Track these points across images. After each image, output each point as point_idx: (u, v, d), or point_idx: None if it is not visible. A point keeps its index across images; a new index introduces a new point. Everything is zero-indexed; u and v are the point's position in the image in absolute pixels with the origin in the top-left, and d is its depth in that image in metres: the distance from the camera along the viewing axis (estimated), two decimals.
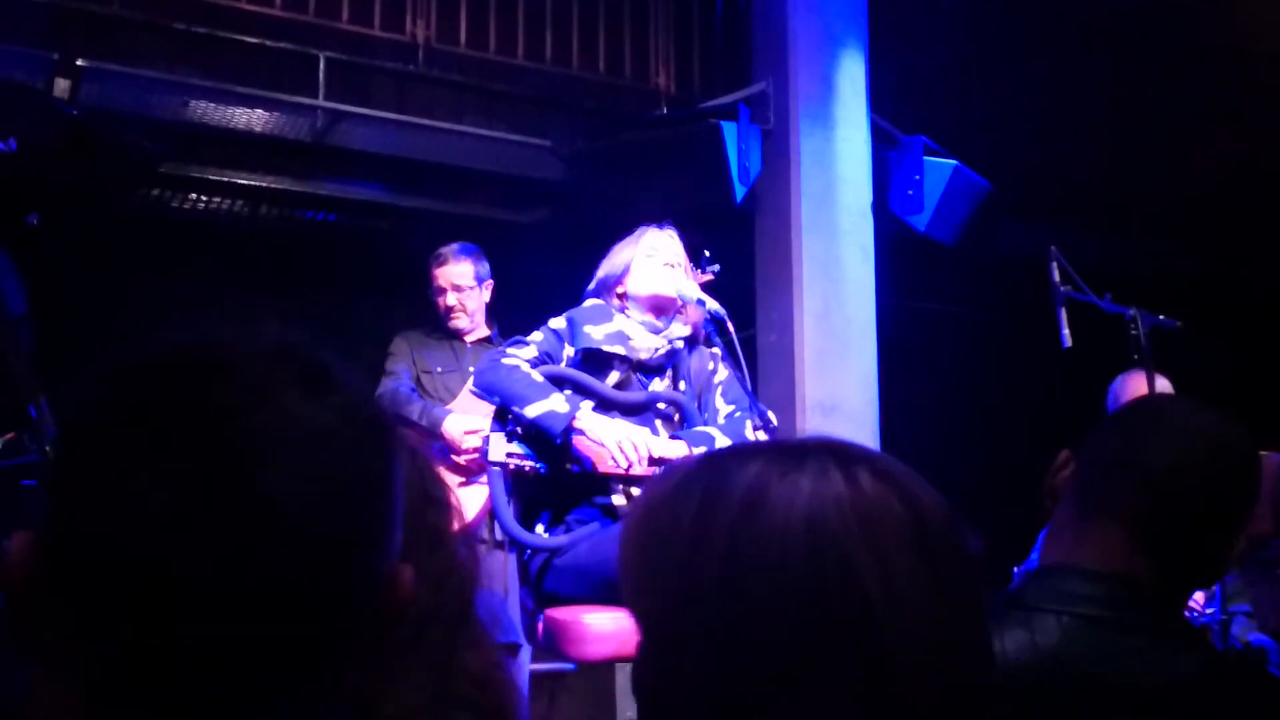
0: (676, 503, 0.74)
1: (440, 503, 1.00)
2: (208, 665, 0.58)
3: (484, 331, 3.75)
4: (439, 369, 3.68)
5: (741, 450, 0.77)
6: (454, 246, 3.70)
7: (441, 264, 3.68)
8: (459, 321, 3.68)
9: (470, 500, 3.40)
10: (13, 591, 0.60)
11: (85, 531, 0.58)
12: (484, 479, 3.40)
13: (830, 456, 0.73)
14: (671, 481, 0.77)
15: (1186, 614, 1.24)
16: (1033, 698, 1.05)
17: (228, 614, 0.57)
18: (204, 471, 0.57)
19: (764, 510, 0.71)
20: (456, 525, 1.01)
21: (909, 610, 0.69)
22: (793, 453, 0.73)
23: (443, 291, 3.68)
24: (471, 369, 3.60)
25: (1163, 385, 3.14)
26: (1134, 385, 3.50)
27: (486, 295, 3.73)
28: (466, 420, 3.43)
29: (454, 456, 3.44)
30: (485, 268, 3.72)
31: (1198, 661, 1.10)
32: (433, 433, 3.49)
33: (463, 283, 3.66)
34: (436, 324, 3.74)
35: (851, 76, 4.56)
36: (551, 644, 2.52)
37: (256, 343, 0.62)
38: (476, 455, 3.37)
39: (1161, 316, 3.13)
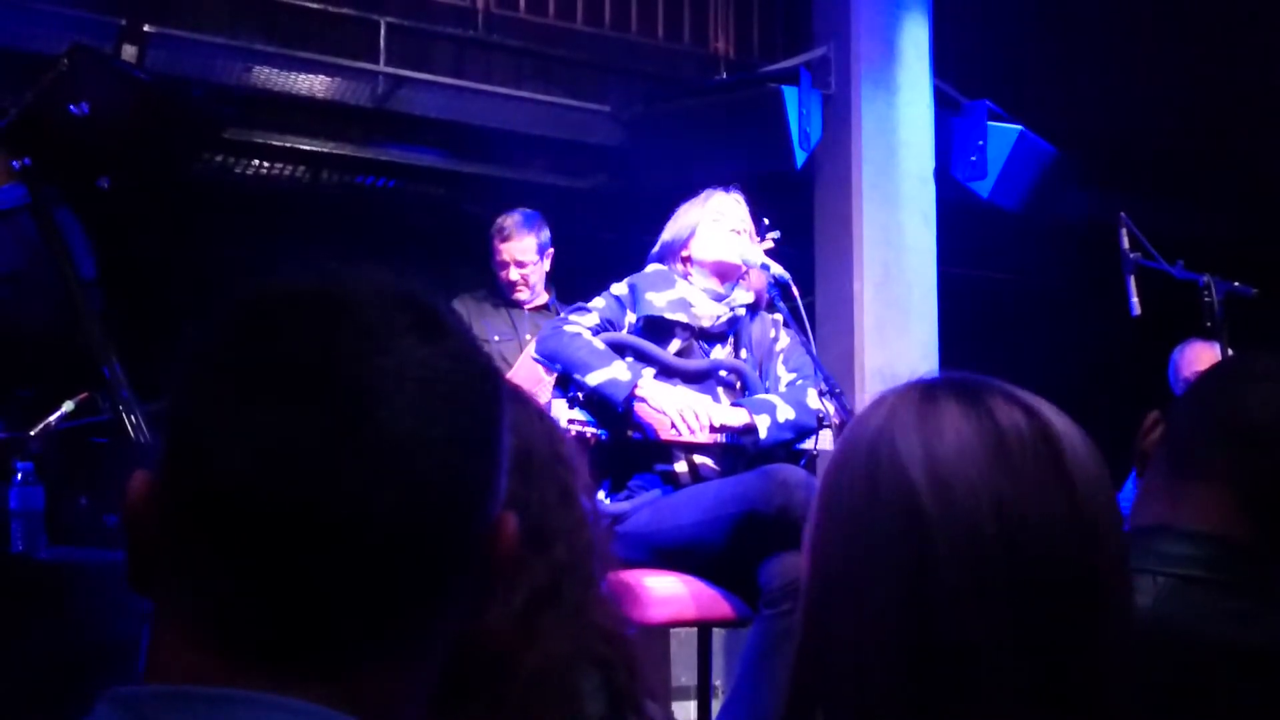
0: None
1: (568, 463, 1.02)
2: (320, 601, 0.58)
3: (542, 299, 3.74)
4: (496, 337, 3.67)
5: None
6: (515, 219, 3.67)
7: (505, 239, 3.66)
8: (521, 294, 3.69)
9: None
10: (133, 530, 0.61)
11: (205, 467, 0.58)
12: None
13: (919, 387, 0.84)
14: None
15: None
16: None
17: (345, 550, 0.58)
18: (325, 409, 0.58)
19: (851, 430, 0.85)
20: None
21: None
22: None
23: (506, 265, 3.66)
24: (529, 337, 3.60)
25: None
26: (1195, 353, 3.42)
27: (547, 265, 3.72)
28: None
29: None
30: (546, 235, 3.70)
31: None
32: None
33: (526, 258, 3.65)
34: (494, 290, 3.74)
35: (914, 40, 4.49)
36: None
37: (373, 287, 0.63)
38: None
39: (1236, 283, 3.05)
